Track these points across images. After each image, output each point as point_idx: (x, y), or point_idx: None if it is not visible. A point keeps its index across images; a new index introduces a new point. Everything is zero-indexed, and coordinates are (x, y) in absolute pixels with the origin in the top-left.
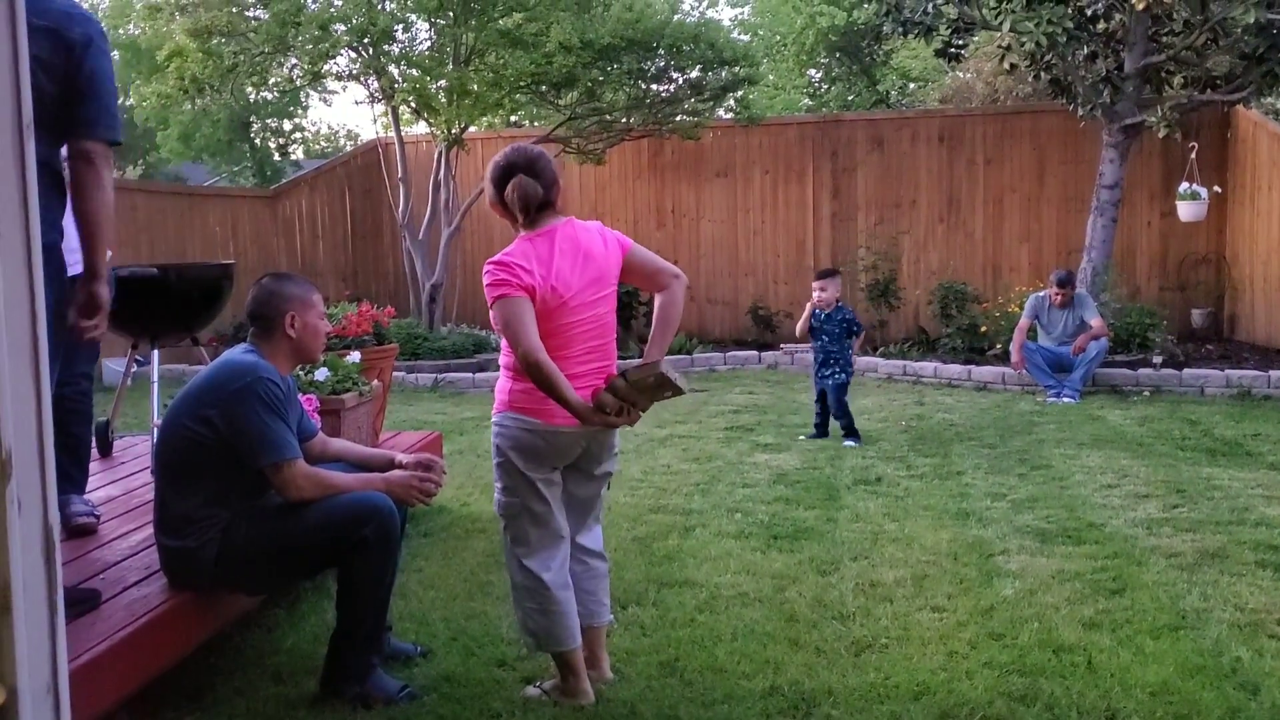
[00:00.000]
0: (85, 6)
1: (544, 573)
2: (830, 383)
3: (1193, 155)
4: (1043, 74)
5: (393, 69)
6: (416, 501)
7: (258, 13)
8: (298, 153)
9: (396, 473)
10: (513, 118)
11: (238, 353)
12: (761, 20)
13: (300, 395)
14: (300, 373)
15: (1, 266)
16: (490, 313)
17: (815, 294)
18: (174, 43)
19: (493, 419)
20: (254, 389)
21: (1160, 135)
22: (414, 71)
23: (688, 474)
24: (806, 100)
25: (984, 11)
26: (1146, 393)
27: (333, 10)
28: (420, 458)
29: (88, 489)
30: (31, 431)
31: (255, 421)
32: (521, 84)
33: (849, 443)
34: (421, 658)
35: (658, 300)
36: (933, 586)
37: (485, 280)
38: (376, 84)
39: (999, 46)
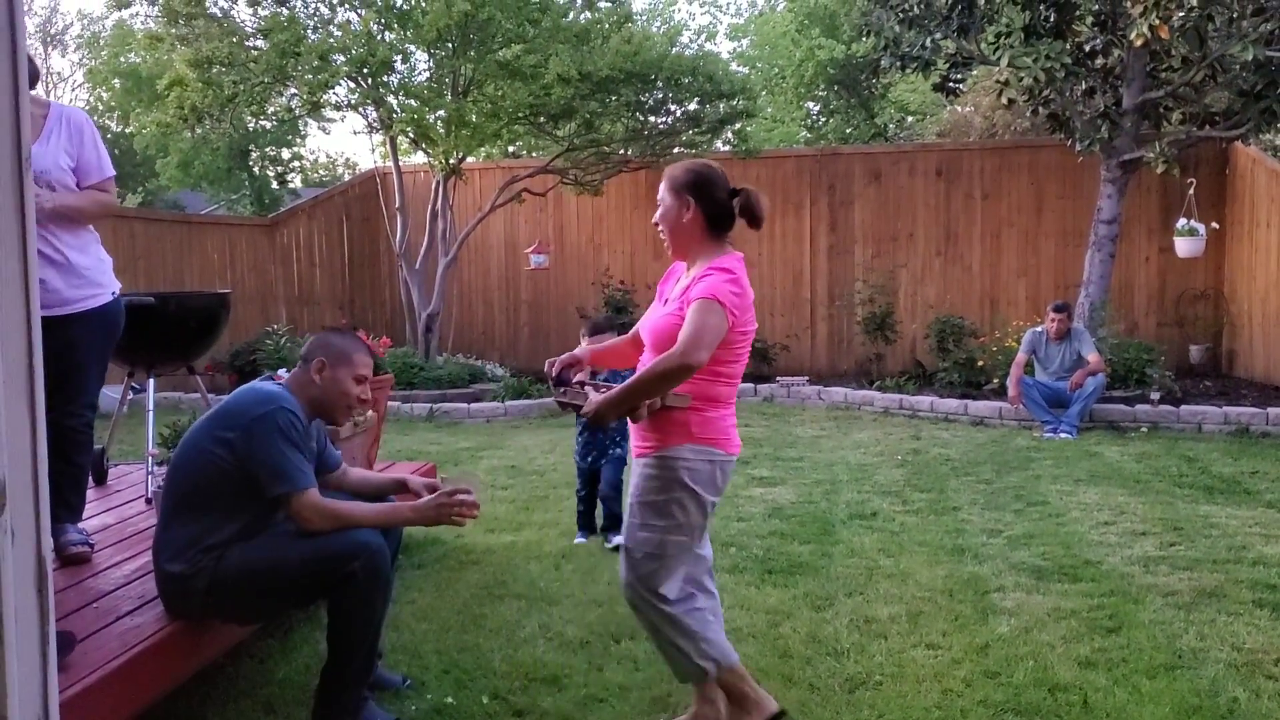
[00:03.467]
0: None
1: (689, 584)
2: (608, 457)
3: (1191, 191)
4: (1041, 109)
5: (391, 99)
6: (450, 523)
7: (258, 43)
8: (296, 181)
9: (426, 498)
10: (510, 148)
11: (263, 382)
12: (760, 53)
13: None
14: None
15: None
16: (695, 304)
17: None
18: (174, 72)
19: (661, 452)
20: (274, 417)
21: (1158, 171)
22: (412, 102)
23: None
24: (804, 133)
25: (982, 46)
26: (1144, 429)
27: (332, 41)
28: (454, 485)
29: (83, 516)
30: (26, 461)
31: (273, 450)
32: (519, 115)
33: (615, 539)
34: (409, 690)
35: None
36: (928, 623)
37: (718, 279)
38: (375, 114)
39: (997, 81)
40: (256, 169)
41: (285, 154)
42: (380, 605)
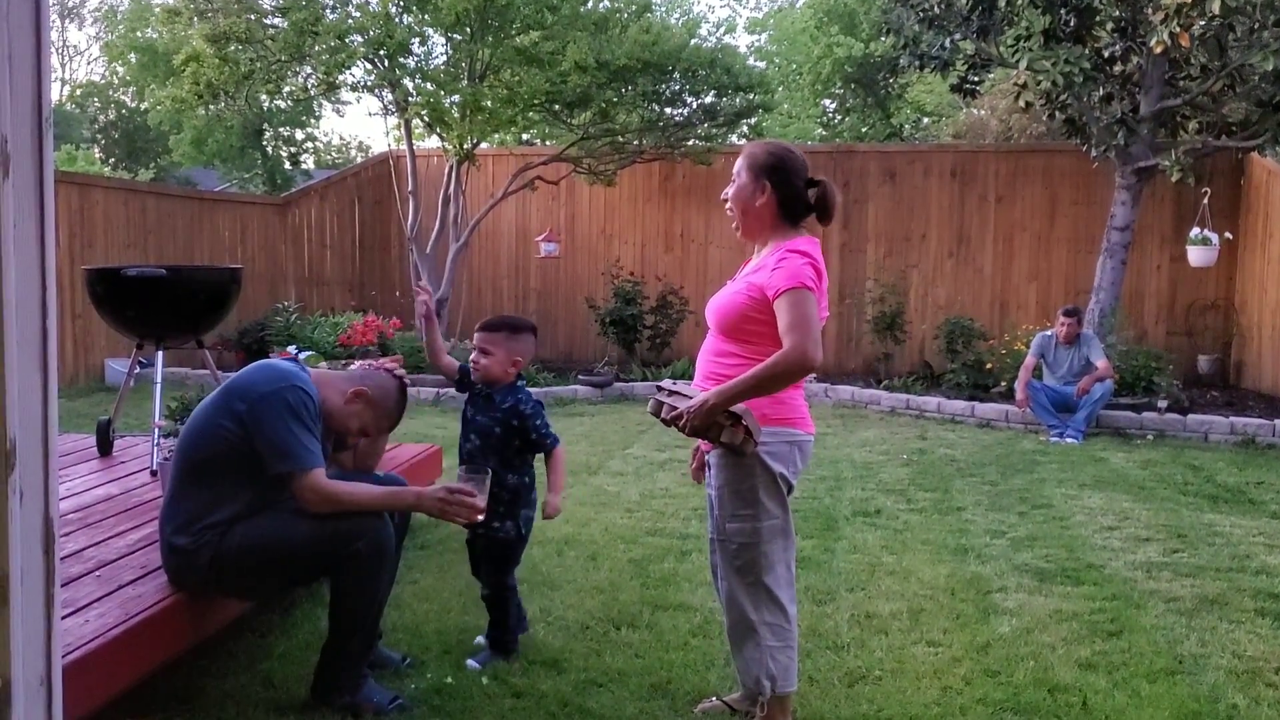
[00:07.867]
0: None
1: (790, 605)
2: (495, 537)
3: (1205, 201)
4: (1057, 113)
5: (407, 82)
6: (451, 519)
7: (276, 21)
8: (309, 162)
9: (433, 487)
10: (525, 136)
11: (281, 360)
12: (778, 48)
13: None
14: None
15: (15, 260)
16: (784, 295)
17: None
18: (191, 47)
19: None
20: (283, 395)
21: (1173, 179)
22: (428, 85)
23: (685, 498)
24: (820, 130)
25: (1001, 49)
26: (1150, 436)
27: (350, 22)
28: (461, 486)
29: (88, 486)
30: (37, 423)
31: (280, 426)
32: (535, 102)
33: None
34: (409, 669)
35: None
36: (929, 621)
37: (796, 262)
38: (390, 96)
39: (1015, 84)
40: (270, 148)
41: (299, 134)
42: (384, 584)
